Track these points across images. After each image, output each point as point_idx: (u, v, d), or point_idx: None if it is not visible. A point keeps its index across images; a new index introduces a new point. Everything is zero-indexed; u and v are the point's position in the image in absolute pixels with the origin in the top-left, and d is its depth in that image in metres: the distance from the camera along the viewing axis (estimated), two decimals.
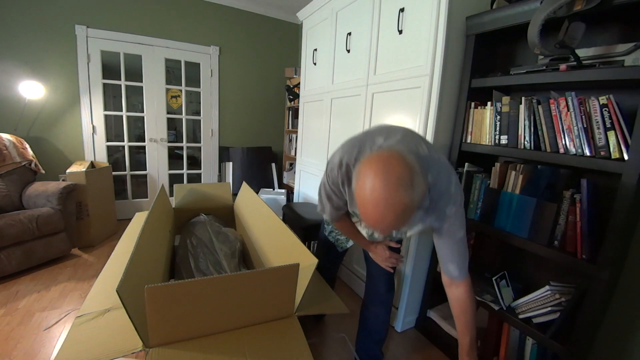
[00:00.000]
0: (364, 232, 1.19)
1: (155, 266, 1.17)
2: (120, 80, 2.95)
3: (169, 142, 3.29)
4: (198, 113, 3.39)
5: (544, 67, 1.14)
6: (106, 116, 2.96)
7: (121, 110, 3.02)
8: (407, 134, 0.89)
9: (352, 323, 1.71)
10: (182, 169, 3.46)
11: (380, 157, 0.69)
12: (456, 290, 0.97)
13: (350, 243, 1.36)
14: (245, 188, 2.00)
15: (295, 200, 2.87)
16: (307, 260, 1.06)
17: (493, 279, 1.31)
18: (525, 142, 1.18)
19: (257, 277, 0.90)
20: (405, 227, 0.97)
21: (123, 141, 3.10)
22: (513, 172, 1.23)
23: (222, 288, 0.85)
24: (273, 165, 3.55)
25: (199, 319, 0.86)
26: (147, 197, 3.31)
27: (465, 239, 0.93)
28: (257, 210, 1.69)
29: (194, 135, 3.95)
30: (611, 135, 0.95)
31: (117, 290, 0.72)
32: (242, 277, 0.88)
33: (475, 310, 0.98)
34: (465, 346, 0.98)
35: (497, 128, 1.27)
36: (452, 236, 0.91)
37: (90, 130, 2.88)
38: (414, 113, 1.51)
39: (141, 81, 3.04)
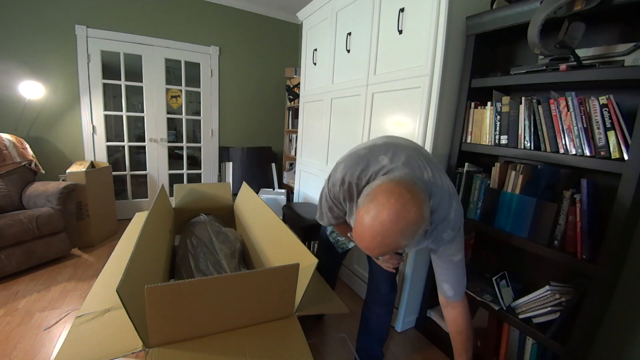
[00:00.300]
0: None
1: (155, 266, 1.17)
2: (120, 80, 2.95)
3: (169, 142, 3.29)
4: (198, 113, 3.39)
5: (544, 67, 1.14)
6: (106, 116, 2.96)
7: (121, 110, 3.02)
8: (412, 155, 0.87)
9: (352, 323, 1.71)
10: (182, 169, 3.46)
11: (400, 191, 0.69)
12: (452, 311, 0.97)
13: (351, 245, 1.36)
14: (245, 188, 2.00)
15: (295, 200, 2.87)
16: (307, 260, 1.06)
17: (493, 279, 1.31)
18: (525, 142, 1.18)
19: (257, 277, 0.90)
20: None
21: (123, 141, 3.10)
22: (513, 172, 1.23)
23: (222, 288, 0.85)
24: (273, 165, 3.56)
25: (199, 319, 0.86)
26: (147, 197, 3.31)
27: (463, 263, 0.92)
28: (257, 210, 1.69)
29: (194, 135, 3.95)
30: (611, 135, 0.95)
31: (117, 290, 0.72)
32: (242, 277, 0.88)
33: (471, 332, 0.98)
34: None
35: (497, 128, 1.27)
36: (448, 259, 0.91)
37: (90, 130, 2.88)
38: (414, 113, 1.51)
39: (141, 81, 3.04)
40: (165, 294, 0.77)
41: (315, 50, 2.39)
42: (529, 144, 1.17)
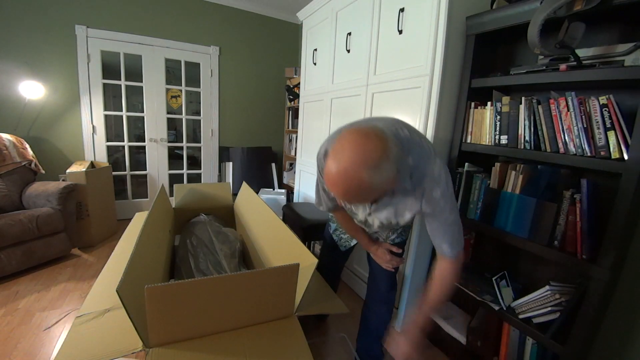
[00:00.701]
0: (358, 219, 1.14)
1: (155, 266, 1.17)
2: (120, 80, 2.95)
3: (169, 142, 3.29)
4: (198, 113, 3.40)
5: (544, 67, 1.14)
6: (106, 116, 2.96)
7: (121, 110, 3.02)
8: (389, 121, 0.91)
9: (352, 323, 1.71)
10: (182, 169, 3.46)
11: (358, 130, 0.70)
12: (443, 262, 0.95)
13: (354, 242, 1.36)
14: (245, 188, 2.00)
15: (295, 200, 2.87)
16: (307, 260, 1.06)
17: (493, 279, 1.31)
18: (525, 142, 1.18)
19: (257, 277, 0.90)
20: (391, 216, 0.97)
21: (123, 141, 3.10)
22: (513, 172, 1.23)
23: (222, 288, 0.85)
24: (273, 165, 3.56)
25: (199, 319, 0.86)
26: (147, 197, 3.31)
27: (458, 220, 0.91)
28: (257, 210, 1.69)
29: (194, 135, 3.95)
30: (611, 135, 0.95)
31: (117, 290, 0.72)
32: (242, 278, 0.88)
33: (450, 290, 0.95)
34: (420, 319, 0.96)
35: (497, 128, 1.27)
36: (443, 220, 0.89)
37: (90, 130, 2.88)
38: (414, 113, 1.51)
39: (141, 81, 3.04)
40: (165, 294, 0.78)
41: (315, 50, 2.39)
42: (529, 144, 1.17)
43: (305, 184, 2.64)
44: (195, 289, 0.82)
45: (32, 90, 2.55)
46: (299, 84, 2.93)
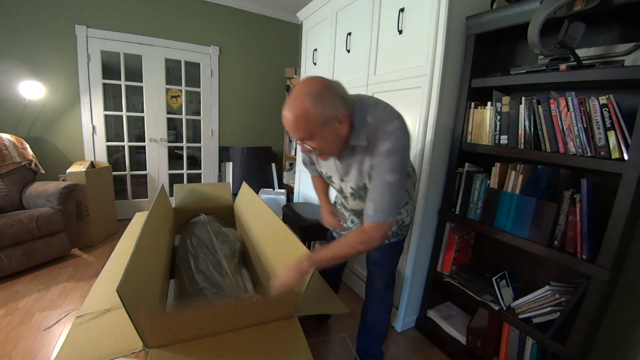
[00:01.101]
0: (335, 187, 1.17)
1: (155, 266, 1.17)
2: (120, 80, 2.95)
3: (169, 142, 3.29)
4: (198, 113, 3.39)
5: (544, 67, 1.14)
6: (106, 116, 2.96)
7: (121, 110, 3.02)
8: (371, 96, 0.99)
9: (353, 323, 1.71)
10: (182, 169, 3.46)
11: (310, 76, 0.86)
12: (361, 227, 0.95)
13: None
14: (245, 188, 2.00)
15: (295, 200, 2.87)
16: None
17: (493, 279, 1.31)
18: (525, 142, 1.18)
19: (258, 305, 0.90)
20: (358, 178, 0.99)
21: (123, 141, 3.10)
22: (513, 172, 1.23)
23: (223, 315, 0.86)
24: (273, 165, 3.55)
25: (197, 327, 0.86)
26: (147, 197, 3.31)
27: (395, 189, 0.88)
28: (257, 210, 1.69)
29: (194, 135, 3.95)
30: (611, 135, 0.95)
31: (117, 290, 0.72)
32: (243, 305, 0.88)
33: (348, 254, 0.95)
34: (315, 256, 0.95)
35: (497, 128, 1.27)
36: (380, 177, 0.88)
37: (90, 130, 2.88)
38: (414, 113, 1.51)
39: (141, 81, 3.04)
40: (162, 320, 0.78)
41: (315, 50, 2.39)
42: (529, 144, 1.17)
43: (305, 184, 2.63)
44: (193, 318, 0.82)
45: (32, 90, 2.54)
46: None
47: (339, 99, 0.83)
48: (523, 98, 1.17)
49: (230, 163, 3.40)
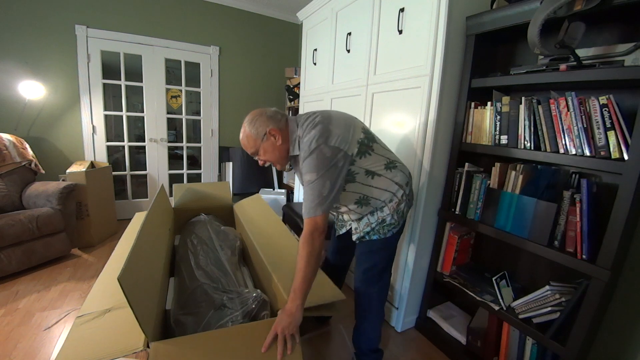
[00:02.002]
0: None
1: (155, 260, 1.17)
2: (120, 80, 2.95)
3: (169, 142, 3.29)
4: (198, 113, 3.39)
5: (544, 67, 1.14)
6: (106, 116, 2.96)
7: (121, 110, 3.02)
8: (328, 113, 1.11)
9: (353, 323, 1.71)
10: (182, 169, 3.46)
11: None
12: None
13: (343, 230, 1.34)
14: (257, 196, 1.99)
15: (295, 200, 2.87)
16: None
17: (493, 279, 1.31)
18: (525, 142, 1.18)
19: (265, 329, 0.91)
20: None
21: (123, 141, 3.10)
22: (513, 172, 1.23)
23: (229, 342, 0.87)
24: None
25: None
26: (147, 197, 3.31)
27: (314, 186, 1.00)
28: (260, 211, 1.69)
29: (194, 135, 3.95)
30: (611, 135, 0.95)
31: (118, 279, 0.71)
32: (253, 331, 0.89)
33: (303, 256, 0.99)
34: (295, 289, 0.98)
35: (497, 128, 1.27)
36: (302, 179, 1.07)
37: (90, 130, 2.88)
38: (414, 113, 1.51)
39: (141, 81, 3.04)
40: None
41: (315, 50, 2.39)
42: (529, 144, 1.17)
43: None
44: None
45: (32, 90, 2.55)
46: (299, 84, 2.92)
47: (268, 119, 1.10)
48: (523, 98, 1.17)
49: (230, 163, 3.40)
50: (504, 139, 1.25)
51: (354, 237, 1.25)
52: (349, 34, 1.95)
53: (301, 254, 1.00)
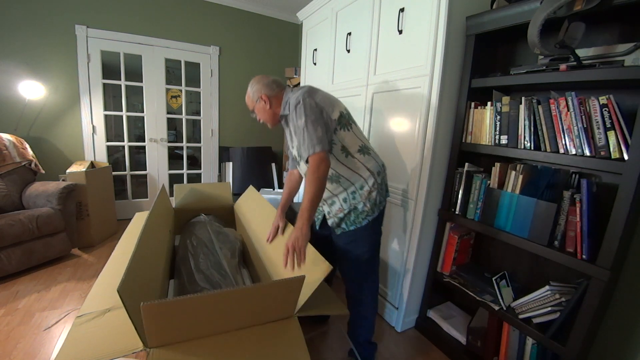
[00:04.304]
0: (293, 154, 1.38)
1: (155, 266, 1.17)
2: (120, 80, 2.95)
3: (169, 142, 3.29)
4: (198, 113, 3.39)
5: (544, 67, 1.14)
6: (106, 116, 2.96)
7: (121, 110, 3.02)
8: (308, 87, 1.23)
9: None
10: (182, 169, 3.46)
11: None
12: (305, 166, 1.17)
13: (320, 217, 1.39)
14: (250, 190, 1.99)
15: (295, 200, 2.86)
16: (317, 265, 1.06)
17: (493, 279, 1.31)
18: (525, 142, 1.18)
19: (258, 292, 0.90)
20: (292, 142, 1.30)
21: (123, 141, 3.10)
22: (513, 172, 1.23)
23: (221, 303, 0.85)
24: (273, 165, 3.55)
25: (198, 323, 0.86)
26: (147, 197, 3.31)
27: (308, 126, 1.09)
28: (261, 210, 1.69)
29: (194, 135, 3.95)
30: (611, 135, 0.95)
31: (118, 290, 0.72)
32: (243, 292, 0.87)
33: (312, 185, 1.09)
34: (302, 209, 1.10)
35: (497, 128, 1.27)
36: (295, 126, 1.17)
37: (90, 130, 2.88)
38: (414, 113, 1.51)
39: (141, 81, 3.04)
40: (162, 310, 0.77)
41: (315, 50, 2.39)
42: (529, 144, 1.17)
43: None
44: (193, 305, 0.81)
45: (32, 90, 2.55)
46: (299, 84, 2.92)
47: (263, 86, 1.28)
48: (523, 98, 1.17)
49: (230, 163, 3.40)
50: (504, 139, 1.26)
51: (329, 222, 1.31)
52: (349, 34, 1.95)
53: (308, 181, 1.09)
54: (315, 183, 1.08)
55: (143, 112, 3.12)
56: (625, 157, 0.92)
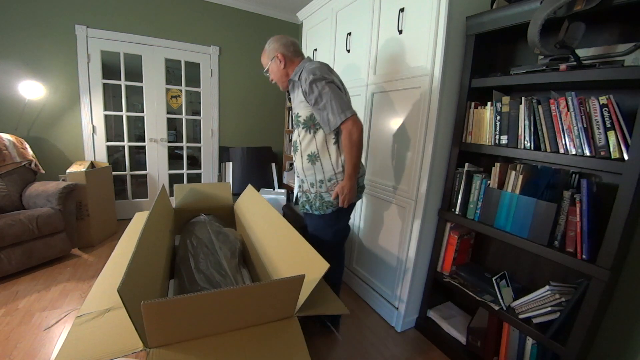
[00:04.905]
0: (294, 135, 1.47)
1: (155, 266, 1.17)
2: (120, 80, 2.95)
3: (169, 142, 3.29)
4: (198, 113, 3.39)
5: (544, 67, 1.14)
6: (106, 116, 2.96)
7: (121, 110, 3.02)
8: (326, 64, 1.32)
9: (353, 323, 1.71)
10: (182, 169, 3.46)
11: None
12: (341, 133, 1.27)
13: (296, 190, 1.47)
14: (249, 189, 1.99)
15: (295, 200, 2.87)
16: (315, 264, 1.06)
17: (493, 279, 1.31)
18: (525, 142, 1.18)
19: (258, 291, 0.90)
20: (295, 106, 1.38)
21: (123, 141, 3.10)
22: (513, 172, 1.23)
23: (221, 301, 0.85)
24: (273, 165, 3.55)
25: (198, 323, 0.86)
26: (147, 197, 3.31)
27: (330, 92, 1.21)
28: (260, 210, 1.69)
29: (194, 135, 3.95)
30: (611, 135, 0.95)
31: (118, 290, 0.72)
32: (243, 291, 0.87)
33: (352, 148, 1.24)
34: (347, 173, 1.28)
35: (497, 128, 1.28)
36: (315, 95, 1.23)
37: (90, 130, 2.88)
38: (414, 113, 1.51)
39: (141, 81, 3.04)
40: (162, 309, 0.77)
41: (315, 50, 2.39)
42: (529, 144, 1.17)
43: None
44: (193, 304, 0.81)
45: (32, 90, 2.55)
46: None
47: (280, 45, 1.35)
48: (523, 98, 1.17)
49: (230, 163, 3.40)
50: (504, 139, 1.26)
51: (297, 195, 1.44)
52: (349, 34, 1.95)
53: (346, 148, 1.25)
54: (354, 147, 1.24)
55: (143, 112, 3.11)
56: (625, 157, 0.92)
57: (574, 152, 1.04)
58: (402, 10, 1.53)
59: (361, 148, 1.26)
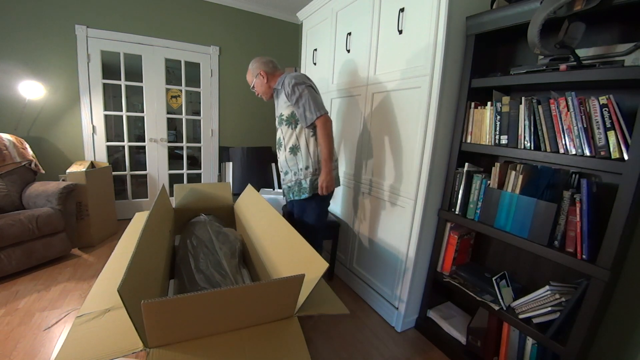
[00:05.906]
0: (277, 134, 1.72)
1: (155, 266, 1.17)
2: (120, 80, 2.95)
3: (169, 142, 3.29)
4: (198, 113, 3.39)
5: (544, 67, 1.14)
6: (106, 116, 2.96)
7: (121, 110, 3.02)
8: (303, 74, 1.57)
9: (352, 323, 1.71)
10: (182, 169, 3.46)
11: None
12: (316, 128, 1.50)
13: (290, 197, 1.68)
14: (249, 189, 1.99)
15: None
16: (314, 264, 1.05)
17: (493, 279, 1.31)
18: (525, 142, 1.18)
19: (258, 290, 0.89)
20: (277, 109, 1.69)
21: (123, 141, 3.10)
22: (513, 172, 1.23)
23: (221, 301, 0.85)
24: (273, 165, 3.55)
25: (198, 323, 0.86)
26: (147, 197, 3.31)
27: (305, 94, 1.46)
28: (260, 210, 1.69)
29: (194, 135, 3.95)
30: (611, 135, 0.95)
31: (118, 290, 0.72)
32: (243, 291, 0.87)
33: (324, 141, 1.48)
34: (323, 167, 1.50)
35: (497, 128, 1.28)
36: (293, 97, 1.48)
37: (90, 130, 2.88)
38: (414, 113, 1.51)
39: (141, 81, 3.04)
40: (162, 309, 0.77)
41: (315, 50, 2.40)
42: (529, 144, 1.17)
43: None
44: (194, 303, 0.81)
45: (32, 90, 2.55)
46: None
47: (262, 64, 1.63)
48: (523, 98, 1.17)
49: (230, 163, 3.40)
50: (504, 139, 1.26)
51: (283, 187, 1.70)
52: (349, 34, 1.95)
53: (321, 139, 1.48)
54: (326, 140, 1.48)
55: (143, 112, 3.11)
56: (625, 157, 0.92)
57: (574, 152, 1.04)
58: (402, 10, 1.53)
59: (332, 139, 1.51)
